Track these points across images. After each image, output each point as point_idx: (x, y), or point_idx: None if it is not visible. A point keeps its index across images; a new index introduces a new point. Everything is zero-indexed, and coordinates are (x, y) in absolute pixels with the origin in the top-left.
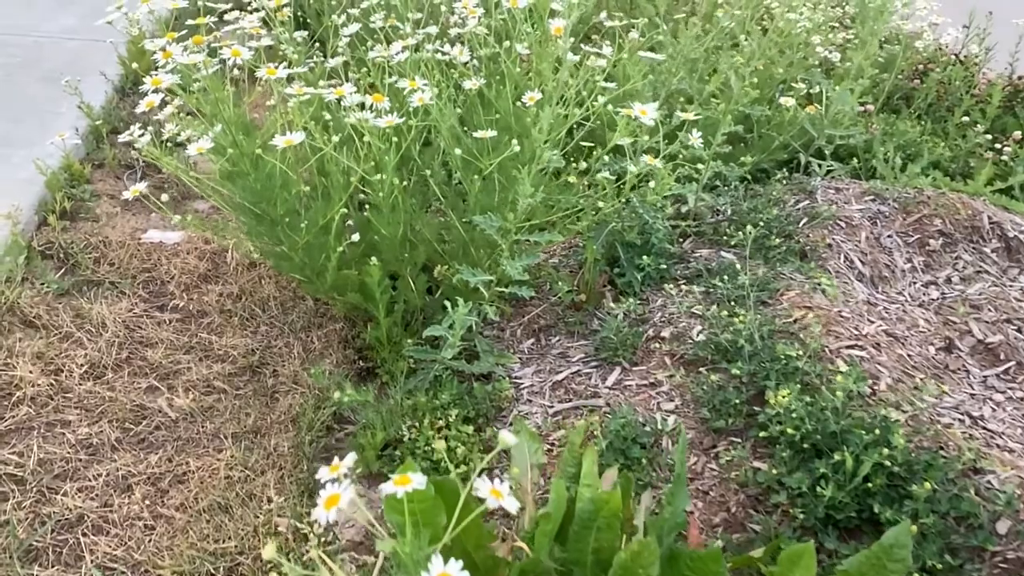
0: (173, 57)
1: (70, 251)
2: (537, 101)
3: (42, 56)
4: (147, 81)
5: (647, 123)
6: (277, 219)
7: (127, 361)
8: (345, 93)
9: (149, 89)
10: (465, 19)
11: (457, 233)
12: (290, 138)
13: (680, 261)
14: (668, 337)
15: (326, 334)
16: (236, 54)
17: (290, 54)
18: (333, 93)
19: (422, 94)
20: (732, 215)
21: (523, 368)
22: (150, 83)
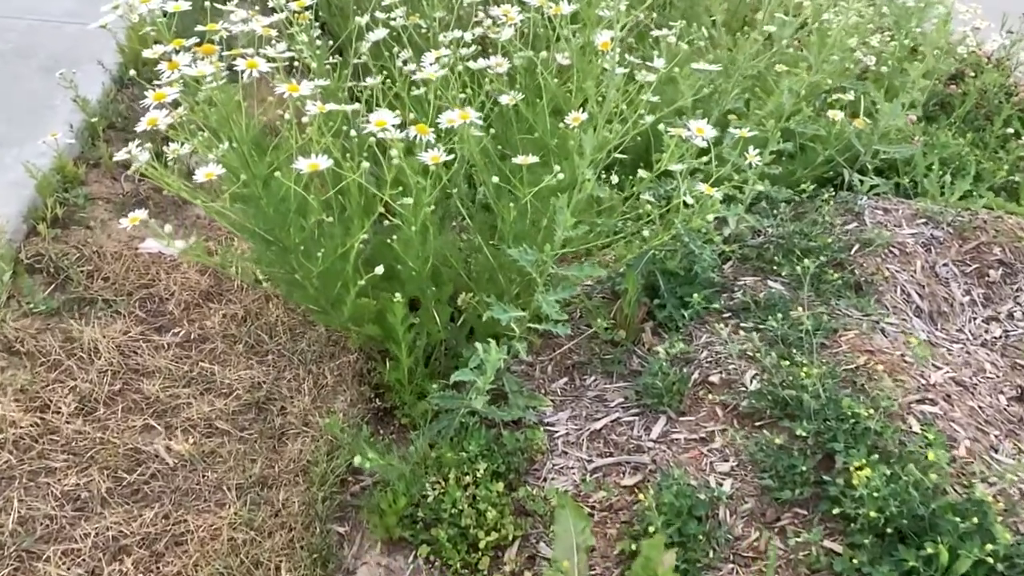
0: (180, 68)
1: (61, 264)
2: (582, 123)
3: (38, 42)
4: (148, 95)
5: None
6: (291, 247)
7: (121, 394)
8: (387, 124)
9: (151, 104)
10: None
11: (483, 258)
12: (315, 162)
13: (723, 290)
14: (718, 383)
15: (339, 366)
16: (252, 66)
17: (310, 61)
18: (373, 125)
19: (464, 121)
20: (779, 239)
21: (556, 412)
22: (152, 97)
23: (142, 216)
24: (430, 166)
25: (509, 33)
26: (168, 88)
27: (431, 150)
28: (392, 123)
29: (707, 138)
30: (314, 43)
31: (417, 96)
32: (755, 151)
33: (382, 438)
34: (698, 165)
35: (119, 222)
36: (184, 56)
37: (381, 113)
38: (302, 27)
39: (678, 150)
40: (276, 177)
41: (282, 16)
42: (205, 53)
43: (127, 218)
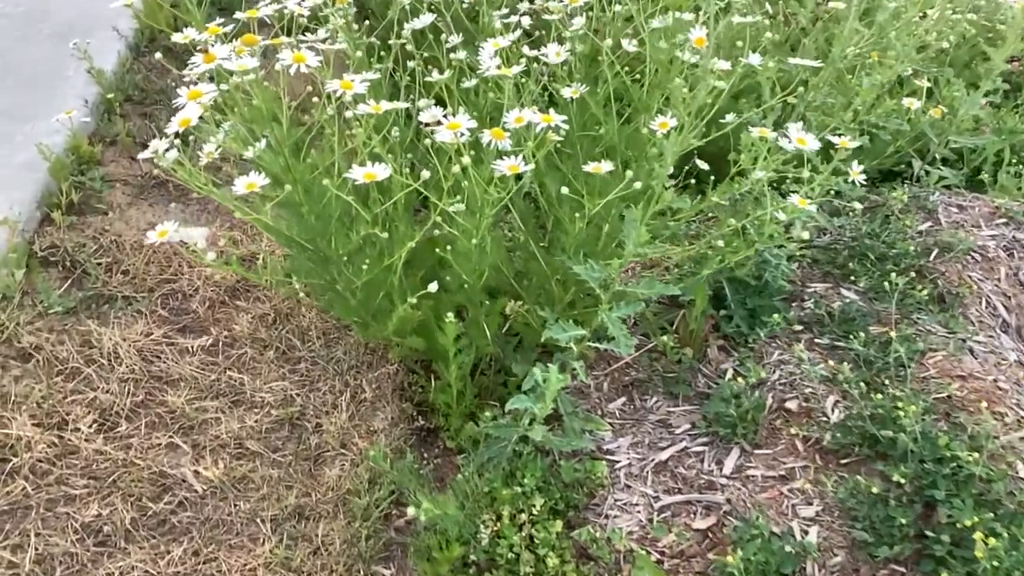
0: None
1: (77, 257)
2: (670, 130)
3: (49, 6)
4: (181, 94)
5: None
6: (334, 257)
7: (144, 406)
8: (462, 126)
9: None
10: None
11: (536, 266)
12: (371, 171)
13: (793, 298)
14: (795, 411)
15: (378, 379)
16: (299, 60)
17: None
18: (445, 127)
19: (546, 125)
20: (851, 241)
21: (616, 438)
22: (185, 96)
23: (171, 227)
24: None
25: (580, 22)
26: (204, 87)
27: (507, 158)
28: (467, 127)
29: (809, 151)
30: (352, 27)
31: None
32: (860, 168)
33: (426, 462)
34: (782, 171)
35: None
36: (222, 47)
37: (461, 119)
38: (340, 10)
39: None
40: (319, 182)
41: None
42: (247, 44)
43: (154, 232)
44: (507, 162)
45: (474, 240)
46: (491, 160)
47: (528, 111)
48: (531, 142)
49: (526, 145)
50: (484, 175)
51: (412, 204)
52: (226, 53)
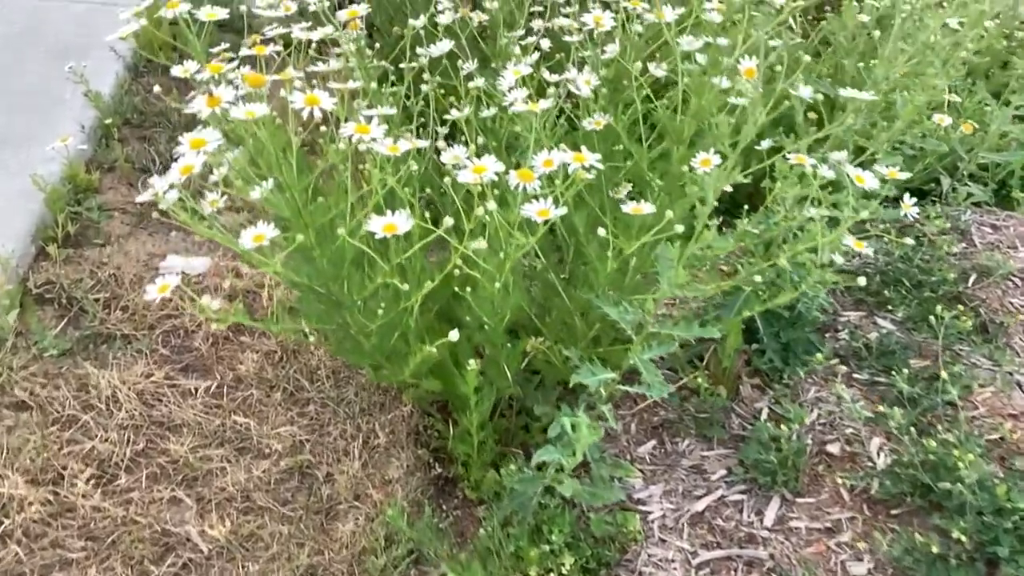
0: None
1: (74, 293)
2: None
3: (45, 24)
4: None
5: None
6: (348, 303)
7: (144, 455)
8: (488, 169)
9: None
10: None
11: (559, 301)
12: (392, 222)
13: (826, 328)
14: (838, 455)
15: (391, 422)
16: (313, 102)
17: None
18: (470, 170)
19: (579, 165)
20: (884, 266)
21: (648, 486)
22: (187, 143)
23: (173, 281)
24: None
25: (614, 49)
26: (207, 133)
27: (535, 201)
28: (494, 170)
29: (870, 189)
30: (365, 55)
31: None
32: (911, 200)
33: (445, 515)
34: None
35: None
36: (226, 89)
37: (487, 161)
38: (352, 38)
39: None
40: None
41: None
42: (253, 85)
43: (155, 286)
44: (536, 206)
45: (497, 283)
46: (518, 203)
47: (557, 152)
48: (561, 183)
49: (555, 185)
50: (509, 216)
51: (429, 244)
52: (231, 96)
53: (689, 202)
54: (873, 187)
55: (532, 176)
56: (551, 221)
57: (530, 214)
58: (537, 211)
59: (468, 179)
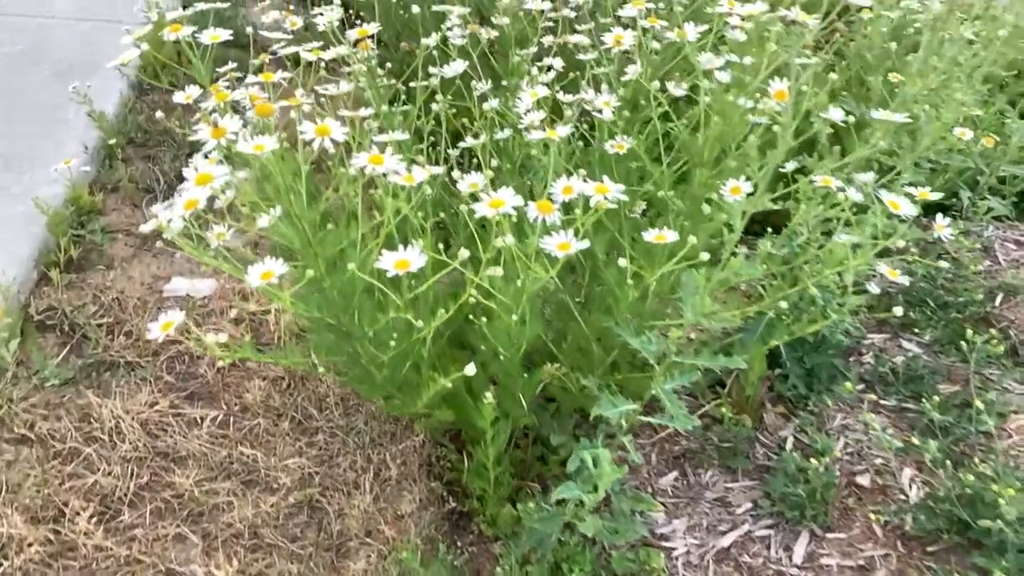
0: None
1: (76, 320)
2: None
3: (50, 42)
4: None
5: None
6: (359, 334)
7: (148, 489)
8: (506, 203)
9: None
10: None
11: (575, 326)
12: (404, 258)
13: (850, 352)
14: (868, 487)
15: (402, 452)
16: (324, 132)
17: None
18: (486, 203)
19: (601, 197)
20: (909, 287)
21: (671, 520)
22: (192, 180)
23: (177, 319)
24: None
25: (635, 70)
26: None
27: (555, 233)
28: (512, 204)
29: (906, 215)
30: (376, 75)
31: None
32: (946, 221)
33: (460, 552)
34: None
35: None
36: (232, 119)
37: (506, 194)
38: (364, 58)
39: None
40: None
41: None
42: (262, 115)
43: (157, 323)
44: (556, 239)
45: (514, 315)
46: (536, 235)
47: (577, 180)
48: (582, 215)
49: (574, 213)
50: (527, 249)
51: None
52: (236, 127)
53: (714, 228)
54: (909, 213)
55: (552, 208)
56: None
57: (550, 248)
58: (557, 244)
59: (485, 212)
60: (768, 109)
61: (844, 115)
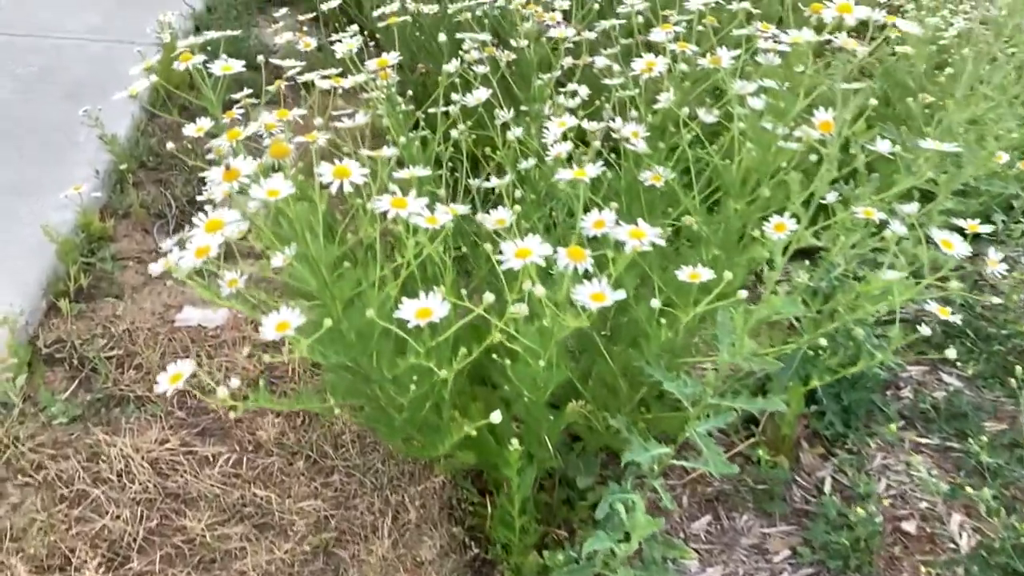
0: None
1: (85, 352)
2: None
3: (62, 64)
4: (198, 222)
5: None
6: (378, 379)
7: (158, 533)
8: (534, 252)
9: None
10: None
11: (602, 362)
12: (426, 307)
13: (887, 385)
14: (914, 535)
15: (422, 494)
16: (343, 174)
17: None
18: (512, 253)
19: (638, 242)
20: None
21: (704, 568)
22: (203, 227)
23: (187, 370)
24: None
25: (667, 98)
26: (225, 213)
27: (588, 282)
28: (540, 253)
29: (960, 255)
30: (396, 103)
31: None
32: (998, 255)
33: None
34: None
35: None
36: (245, 161)
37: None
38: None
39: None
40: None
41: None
42: (277, 156)
43: (167, 375)
44: (590, 288)
45: (541, 361)
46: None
47: (609, 214)
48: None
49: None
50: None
51: (483, 334)
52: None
53: (752, 263)
54: (963, 252)
55: (583, 255)
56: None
57: (583, 300)
58: (591, 295)
59: (512, 264)
60: (808, 137)
61: (892, 146)
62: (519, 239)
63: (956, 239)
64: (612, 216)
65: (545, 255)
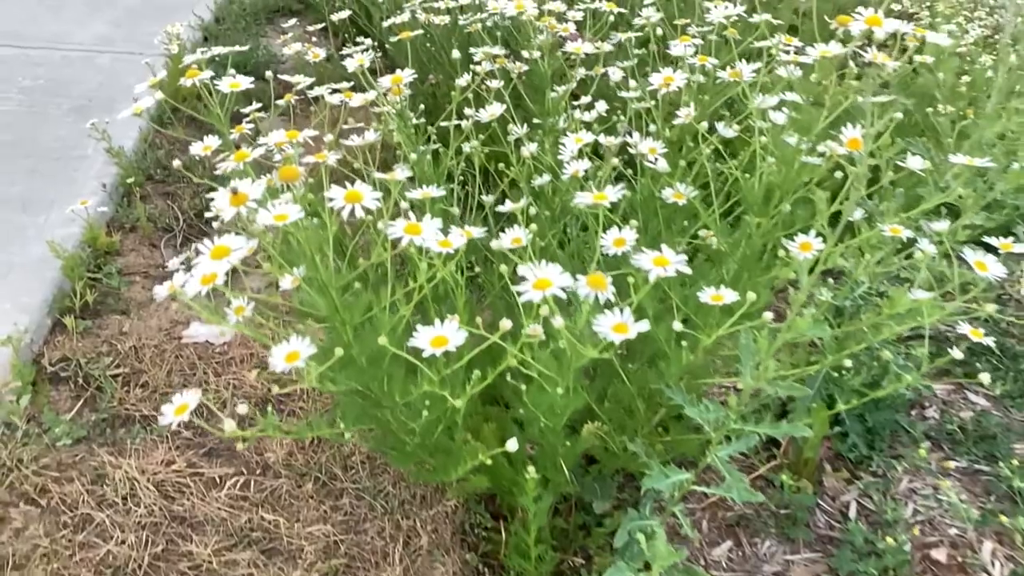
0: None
1: (91, 371)
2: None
3: (71, 76)
4: (203, 249)
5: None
6: (390, 404)
7: (164, 559)
8: (553, 283)
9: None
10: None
11: (621, 386)
12: (442, 334)
13: (911, 405)
14: (945, 563)
15: (434, 518)
16: (355, 198)
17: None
18: (531, 284)
19: (662, 269)
20: None
21: None
22: (208, 255)
23: (193, 401)
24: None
25: (687, 113)
26: (232, 240)
27: (612, 312)
28: (560, 284)
29: (995, 277)
30: (407, 118)
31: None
32: None
33: None
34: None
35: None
36: (254, 185)
37: (542, 268)
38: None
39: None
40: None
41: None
42: (286, 179)
43: (172, 406)
44: (612, 319)
45: (559, 389)
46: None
47: (629, 232)
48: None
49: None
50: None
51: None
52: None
53: (775, 282)
54: (999, 274)
55: (605, 284)
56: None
57: (605, 332)
58: (613, 327)
59: (532, 297)
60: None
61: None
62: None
63: (990, 260)
64: (632, 235)
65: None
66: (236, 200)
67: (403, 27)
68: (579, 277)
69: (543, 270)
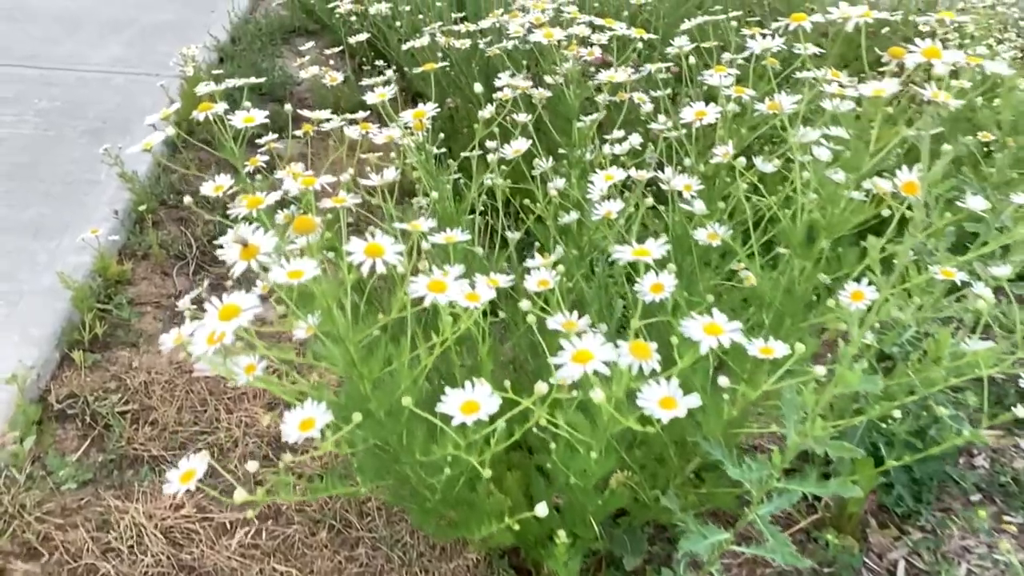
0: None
1: (98, 408)
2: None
3: (86, 97)
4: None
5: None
6: (409, 462)
7: None
8: (595, 356)
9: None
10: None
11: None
12: (473, 399)
13: (960, 452)
14: None
15: (454, 572)
16: (376, 252)
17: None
18: (569, 358)
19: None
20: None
21: None
22: (217, 316)
23: (200, 467)
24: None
25: (725, 151)
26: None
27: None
28: (603, 358)
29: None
30: (429, 152)
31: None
32: None
33: None
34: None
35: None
36: (266, 237)
37: (583, 339)
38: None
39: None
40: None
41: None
42: (302, 231)
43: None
44: (658, 392)
45: (593, 454)
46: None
47: (668, 277)
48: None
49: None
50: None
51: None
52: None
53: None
54: None
55: (649, 353)
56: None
57: (651, 408)
58: (659, 400)
59: (571, 373)
60: (883, 192)
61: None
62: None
63: None
64: (671, 280)
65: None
66: (247, 254)
67: (423, 52)
68: (620, 344)
69: (583, 341)
